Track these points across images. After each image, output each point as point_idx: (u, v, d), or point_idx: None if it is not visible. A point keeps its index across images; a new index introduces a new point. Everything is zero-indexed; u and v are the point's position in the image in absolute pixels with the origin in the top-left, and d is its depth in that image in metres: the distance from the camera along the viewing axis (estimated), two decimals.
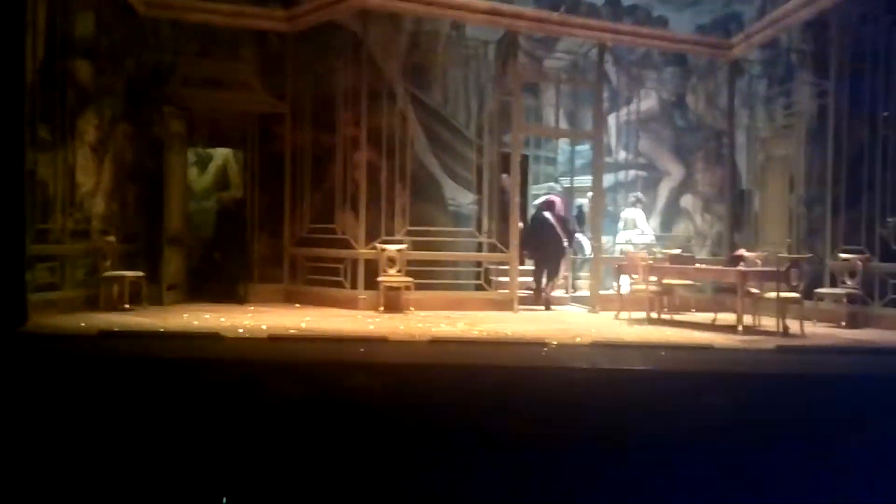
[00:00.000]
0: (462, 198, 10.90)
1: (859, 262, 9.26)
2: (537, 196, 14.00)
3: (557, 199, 11.32)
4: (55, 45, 8.79)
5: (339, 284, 10.56)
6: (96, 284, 9.46)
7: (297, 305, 10.53)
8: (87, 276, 9.47)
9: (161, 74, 10.85)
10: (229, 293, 10.85)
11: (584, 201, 12.38)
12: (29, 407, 4.77)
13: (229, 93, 11.10)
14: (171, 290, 10.53)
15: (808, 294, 9.11)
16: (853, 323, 9.15)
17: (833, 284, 9.66)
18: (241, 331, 7.74)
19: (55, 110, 8.86)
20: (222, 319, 8.62)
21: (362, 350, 7.06)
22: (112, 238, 9.71)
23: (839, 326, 9.15)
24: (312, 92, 11.08)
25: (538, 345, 7.39)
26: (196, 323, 8.40)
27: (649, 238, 11.56)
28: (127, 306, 9.45)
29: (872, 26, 9.42)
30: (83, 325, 7.87)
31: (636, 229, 11.66)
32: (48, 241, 8.77)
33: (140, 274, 9.86)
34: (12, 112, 7.55)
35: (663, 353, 7.14)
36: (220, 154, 12.35)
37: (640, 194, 11.77)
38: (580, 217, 12.32)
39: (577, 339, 7.72)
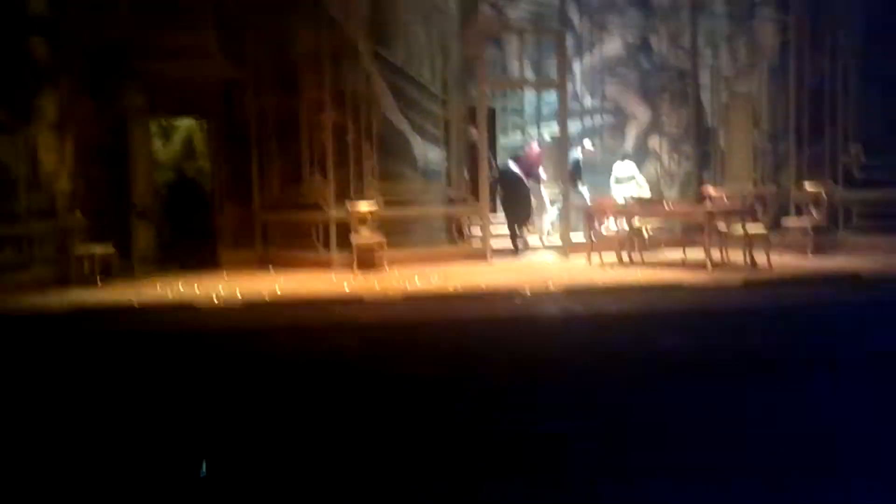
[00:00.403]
0: (430, 153, 10.88)
1: (823, 192, 9.40)
2: (507, 147, 14.05)
3: (531, 149, 11.27)
4: (8, 24, 8.64)
5: (311, 247, 10.58)
6: (66, 261, 9.43)
7: (271, 270, 10.54)
8: (56, 253, 9.43)
9: (119, 48, 10.67)
10: (200, 261, 10.86)
11: (578, 153, 12.16)
12: (8, 388, 4.80)
13: (189, 62, 10.92)
14: (142, 262, 10.52)
15: (774, 226, 9.26)
16: (819, 251, 9.32)
17: (799, 215, 9.80)
18: (215, 300, 7.76)
19: (12, 91, 8.74)
20: (196, 289, 8.63)
21: (339, 311, 7.12)
22: (79, 214, 9.65)
23: (805, 255, 9.31)
24: (273, 56, 10.95)
25: (512, 294, 7.48)
26: (170, 294, 8.41)
27: (646, 191, 11.45)
28: (98, 281, 9.44)
29: None
30: (57, 302, 7.86)
31: (632, 181, 11.56)
32: (14, 221, 8.72)
33: (110, 248, 9.83)
34: None
35: (635, 294, 7.24)
36: (185, 124, 12.23)
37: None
38: (577, 169, 11.88)
39: (550, 286, 7.80)
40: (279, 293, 8.14)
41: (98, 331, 6.70)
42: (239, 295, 7.93)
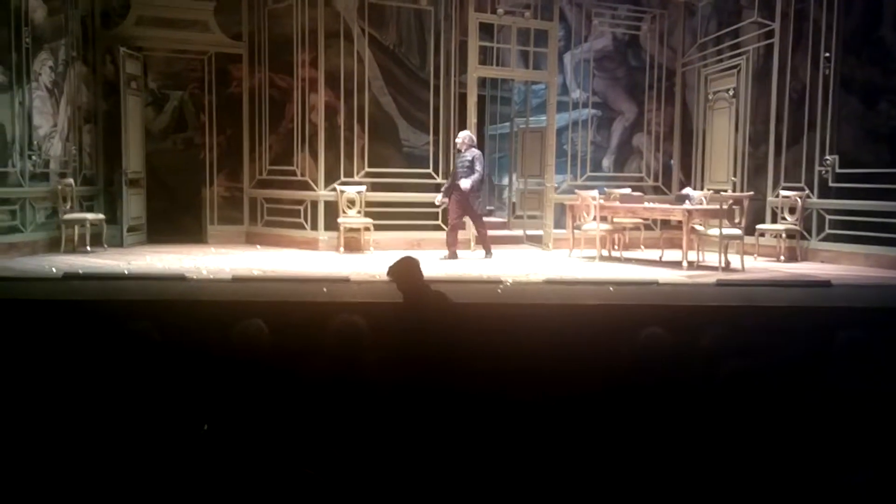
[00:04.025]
0: (416, 139, 11.06)
1: (798, 199, 9.71)
2: (494, 136, 14.24)
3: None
4: None
5: (299, 226, 10.76)
6: (57, 227, 9.54)
7: (258, 247, 10.71)
8: (47, 218, 9.54)
9: (115, 15, 10.74)
10: (187, 234, 11.01)
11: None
12: None
13: (185, 33, 11.04)
14: (132, 231, 10.64)
15: (750, 230, 9.56)
16: (792, 257, 9.65)
17: (774, 220, 10.11)
18: (204, 272, 7.92)
19: (9, 52, 8.80)
20: (183, 260, 8.78)
21: (325, 290, 7.29)
22: (71, 181, 9.75)
23: (779, 260, 9.63)
24: (269, 32, 11.08)
25: (493, 283, 7.71)
26: (159, 265, 8.56)
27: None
28: (88, 248, 9.56)
29: None
30: (47, 267, 7.98)
31: None
32: (8, 185, 8.81)
33: (100, 216, 9.96)
34: None
35: (611, 288, 7.49)
36: (177, 95, 12.30)
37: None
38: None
39: (531, 277, 8.06)
40: (266, 269, 8.31)
41: (84, 300, 6.80)
42: (227, 269, 8.08)
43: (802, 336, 5.84)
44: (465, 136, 9.99)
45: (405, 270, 5.06)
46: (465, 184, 9.60)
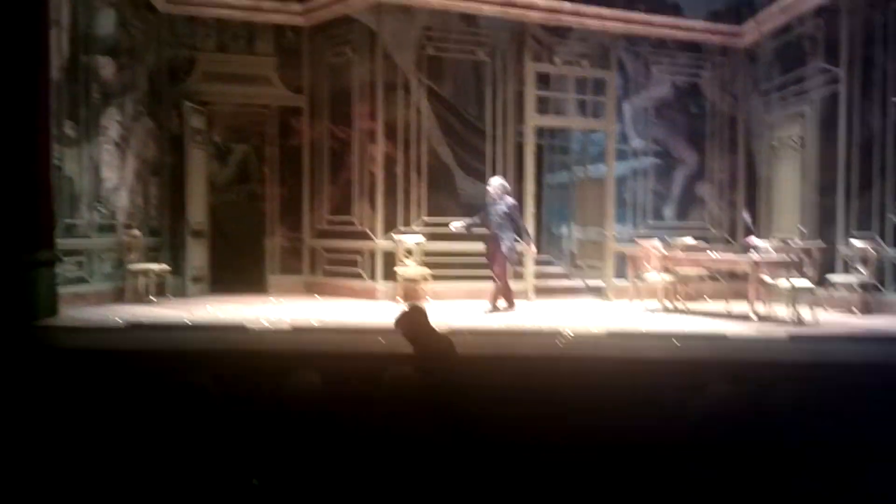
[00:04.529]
0: (473, 188, 11.04)
1: (871, 250, 9.34)
2: (552, 186, 14.15)
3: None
4: (79, 42, 9.02)
5: (357, 276, 10.78)
6: (122, 278, 9.72)
7: (317, 296, 10.75)
8: (113, 269, 9.73)
9: (180, 70, 11.06)
10: (248, 284, 11.12)
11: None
12: (57, 399, 4.95)
13: (248, 87, 11.30)
14: (196, 281, 10.80)
15: (820, 281, 9.21)
16: (866, 310, 9.24)
17: (845, 271, 9.74)
18: (264, 322, 7.94)
19: (79, 107, 9.08)
20: (243, 310, 8.83)
21: (381, 340, 7.23)
22: (137, 232, 9.95)
23: (852, 313, 9.24)
24: (329, 85, 11.27)
25: (554, 334, 7.55)
26: (220, 315, 8.62)
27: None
28: (152, 298, 9.70)
29: (883, 12, 9.44)
30: (111, 317, 8.10)
31: None
32: (76, 236, 9.02)
33: (164, 267, 10.12)
34: (39, 108, 7.78)
35: (677, 342, 7.26)
36: (240, 148, 12.55)
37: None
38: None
39: (593, 329, 7.87)
40: (325, 319, 8.29)
41: (146, 349, 6.86)
42: (287, 319, 8.09)
43: (881, 395, 5.55)
44: (497, 183, 9.38)
45: (412, 321, 4.93)
46: (516, 246, 9.26)
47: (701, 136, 12.16)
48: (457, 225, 9.63)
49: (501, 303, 9.40)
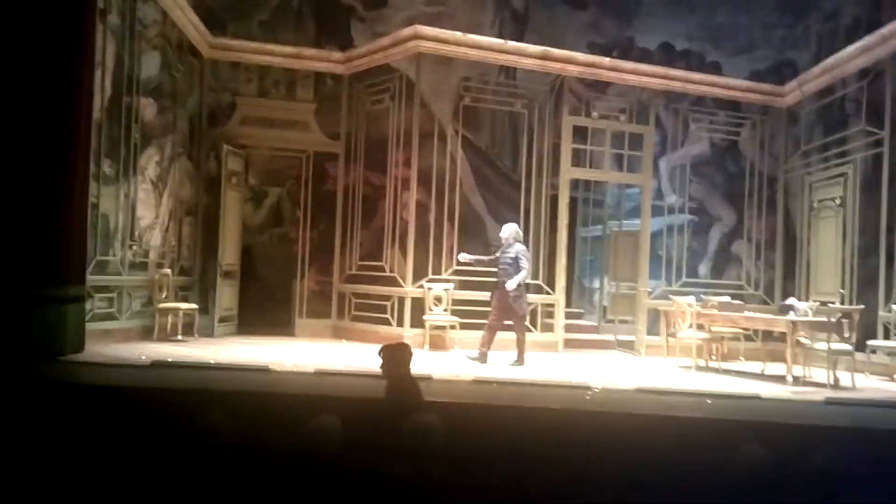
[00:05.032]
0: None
1: None
2: (586, 239, 14.02)
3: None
4: (122, 83, 9.20)
5: (385, 322, 10.69)
6: (151, 315, 9.74)
7: (344, 341, 10.67)
8: (143, 307, 9.76)
9: (220, 114, 11.24)
10: (276, 326, 11.10)
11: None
12: (80, 434, 4.90)
13: (286, 132, 11.44)
14: (224, 322, 10.79)
15: (860, 346, 8.90)
16: None
17: (886, 337, 9.42)
18: (288, 365, 7.87)
19: (119, 146, 9.23)
20: (268, 351, 8.78)
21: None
22: (168, 271, 10.01)
23: (892, 380, 8.91)
24: (365, 132, 11.37)
25: (582, 388, 7.37)
26: (245, 356, 8.58)
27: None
28: (180, 337, 9.71)
29: None
30: (136, 354, 8.10)
31: None
32: (108, 273, 9.08)
33: (194, 306, 10.15)
34: (78, 146, 7.89)
35: (710, 401, 7.04)
36: (275, 191, 12.66)
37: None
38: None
39: (622, 385, 7.67)
40: (349, 364, 8.20)
41: (168, 388, 6.82)
42: (310, 362, 8.02)
43: None
44: (510, 229, 9.25)
45: (395, 356, 4.95)
46: (511, 284, 8.93)
47: (739, 195, 12.00)
48: (466, 257, 9.55)
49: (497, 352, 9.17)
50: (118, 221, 9.27)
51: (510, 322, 9.17)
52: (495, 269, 9.22)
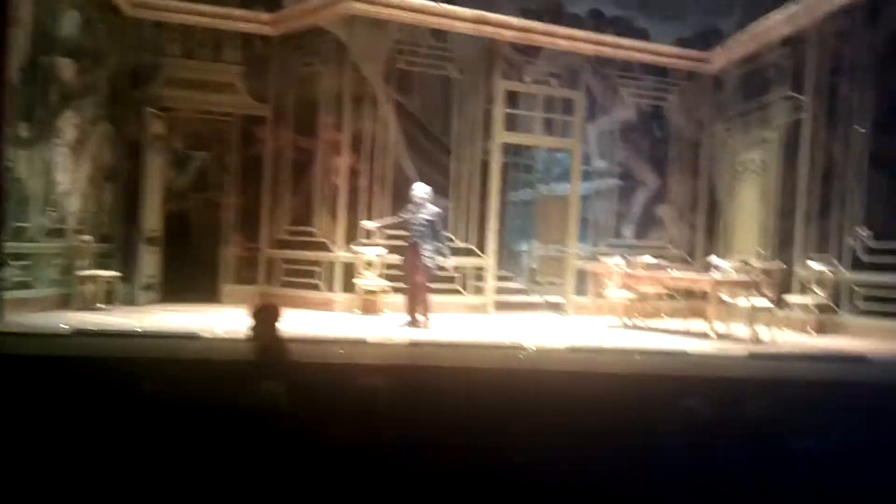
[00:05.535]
0: (436, 203, 10.93)
1: (828, 272, 9.45)
2: (514, 203, 14.14)
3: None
4: (39, 43, 8.75)
5: (314, 287, 10.60)
6: (71, 284, 9.41)
7: None
8: (61, 275, 9.41)
9: (143, 75, 10.85)
10: (204, 293, 10.87)
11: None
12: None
13: (211, 95, 11.12)
14: (147, 290, 10.51)
15: (777, 302, 9.27)
16: (821, 330, 9.33)
17: (803, 293, 9.83)
18: (217, 331, 7.73)
19: (36, 108, 8.80)
20: (196, 319, 8.61)
21: (341, 351, 7.09)
22: (88, 237, 9.67)
23: (808, 334, 9.31)
24: (295, 95, 11.14)
25: (515, 348, 7.47)
26: (171, 323, 8.39)
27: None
28: (101, 306, 9.41)
29: (849, 43, 9.62)
30: (56, 323, 7.82)
31: None
32: (24, 239, 8.70)
33: (115, 274, 9.84)
34: None
35: (638, 357, 7.23)
36: (200, 155, 12.33)
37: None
38: None
39: (553, 343, 7.81)
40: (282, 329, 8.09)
41: (93, 356, 6.63)
42: (241, 328, 7.87)
43: (839, 412, 5.55)
44: (422, 189, 9.01)
45: (264, 317, 4.94)
46: (450, 263, 8.95)
47: (663, 160, 12.25)
48: (369, 224, 9.52)
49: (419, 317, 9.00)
50: (35, 186, 8.88)
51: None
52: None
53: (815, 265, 9.64)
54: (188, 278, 11.23)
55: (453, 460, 4.12)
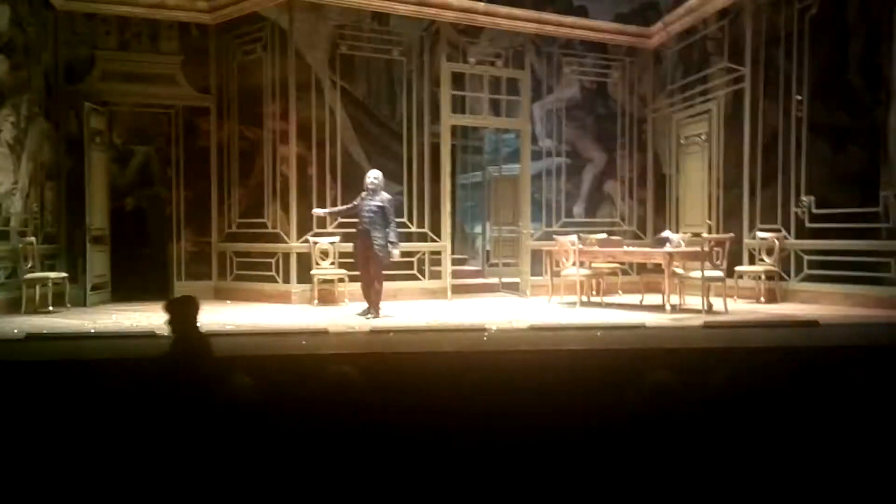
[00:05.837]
0: (388, 189, 10.87)
1: (775, 240, 9.69)
2: (465, 185, 14.17)
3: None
4: None
5: (270, 279, 10.48)
6: (17, 288, 9.14)
7: (228, 302, 10.39)
8: (7, 279, 9.14)
9: (78, 69, 10.54)
10: (155, 291, 10.65)
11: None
12: None
13: (151, 87, 10.86)
14: (96, 290, 10.27)
15: (728, 272, 9.48)
16: (771, 298, 9.58)
17: (751, 262, 10.07)
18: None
19: None
20: (150, 317, 8.44)
21: (304, 343, 7.03)
22: (32, 239, 9.39)
23: (759, 302, 9.56)
24: (238, 85, 10.96)
25: (478, 330, 7.50)
26: (127, 323, 8.22)
27: None
28: (51, 308, 9.17)
29: (785, 12, 9.82)
30: (7, 328, 7.61)
31: None
32: None
33: (63, 275, 9.59)
34: None
35: (599, 333, 7.33)
36: (143, 150, 12.06)
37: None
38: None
39: (515, 324, 7.87)
40: (240, 324, 8.01)
41: (50, 360, 6.46)
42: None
43: (794, 376, 5.72)
44: (374, 176, 8.89)
45: (181, 310, 4.81)
46: (396, 252, 8.76)
47: (610, 136, 12.38)
48: (319, 211, 9.48)
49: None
50: None
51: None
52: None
53: (763, 234, 9.89)
54: (138, 276, 11.02)
55: (429, 442, 4.14)
